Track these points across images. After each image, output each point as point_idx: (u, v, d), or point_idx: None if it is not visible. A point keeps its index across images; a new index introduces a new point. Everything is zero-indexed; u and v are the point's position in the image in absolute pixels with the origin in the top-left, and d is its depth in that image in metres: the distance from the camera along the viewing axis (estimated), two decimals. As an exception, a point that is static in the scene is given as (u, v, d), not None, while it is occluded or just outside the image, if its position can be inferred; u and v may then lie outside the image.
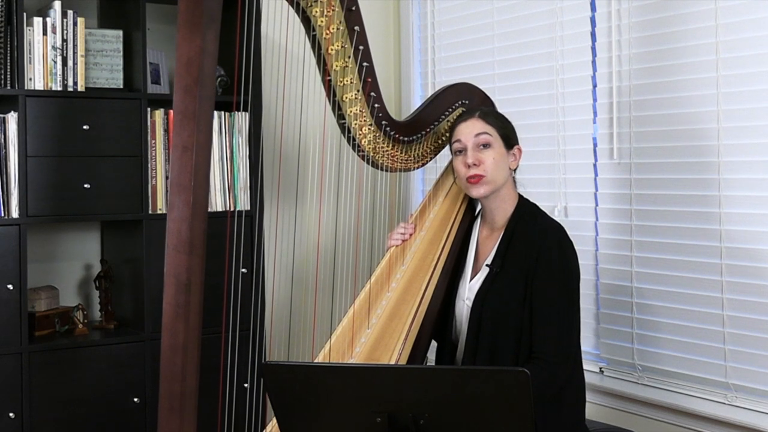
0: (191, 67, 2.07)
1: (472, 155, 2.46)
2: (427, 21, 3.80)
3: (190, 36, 2.07)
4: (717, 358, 2.72)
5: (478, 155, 2.46)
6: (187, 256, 2.09)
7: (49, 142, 3.04)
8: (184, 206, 2.09)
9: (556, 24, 3.18)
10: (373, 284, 2.56)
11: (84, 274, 3.44)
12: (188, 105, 2.08)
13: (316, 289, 3.21)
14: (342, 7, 2.39)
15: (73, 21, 3.11)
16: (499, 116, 2.55)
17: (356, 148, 2.58)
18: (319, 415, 1.87)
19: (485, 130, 2.48)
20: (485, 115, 2.51)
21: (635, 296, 2.94)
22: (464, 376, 1.83)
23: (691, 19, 2.75)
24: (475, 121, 2.50)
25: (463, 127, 2.51)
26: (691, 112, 2.76)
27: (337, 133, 2.59)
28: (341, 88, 2.47)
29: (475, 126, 2.49)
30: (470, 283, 2.50)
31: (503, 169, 2.48)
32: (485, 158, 2.46)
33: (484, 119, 2.50)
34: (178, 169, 2.09)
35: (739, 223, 2.65)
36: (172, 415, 2.12)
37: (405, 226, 2.68)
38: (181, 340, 2.09)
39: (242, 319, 2.80)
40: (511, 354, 2.36)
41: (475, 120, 2.50)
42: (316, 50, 2.43)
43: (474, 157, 2.46)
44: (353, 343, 2.44)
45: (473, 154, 2.46)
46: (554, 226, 2.45)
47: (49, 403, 3.03)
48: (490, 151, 2.47)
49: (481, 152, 2.47)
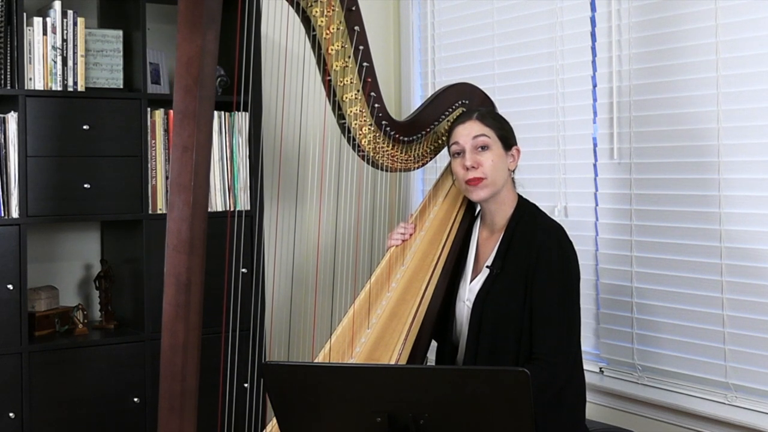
0: (191, 67, 2.07)
1: (471, 157, 2.46)
2: (427, 21, 3.80)
3: (191, 36, 2.07)
4: (717, 358, 2.71)
5: (476, 157, 2.46)
6: (187, 256, 2.09)
7: (49, 142, 3.04)
8: (184, 206, 2.09)
9: (556, 24, 3.18)
10: (373, 284, 2.56)
11: (84, 274, 3.44)
12: (188, 105, 2.08)
13: (316, 289, 3.21)
14: (342, 7, 2.39)
15: (73, 21, 3.11)
16: (497, 117, 2.55)
17: (356, 148, 2.58)
18: (319, 415, 1.87)
19: (483, 132, 2.47)
20: (483, 117, 2.50)
21: (635, 296, 2.94)
22: (464, 376, 1.83)
23: (691, 19, 2.75)
24: (472, 123, 2.49)
25: (461, 129, 2.50)
26: (691, 112, 2.76)
27: (337, 133, 2.59)
28: (341, 88, 2.47)
29: (473, 128, 2.48)
30: (470, 285, 2.50)
31: (502, 171, 2.48)
32: (484, 160, 2.45)
33: (482, 121, 2.49)
34: (178, 169, 2.09)
35: (739, 223, 2.65)
36: (172, 415, 2.12)
37: (405, 226, 2.68)
38: (181, 340, 2.10)
39: (242, 319, 2.80)
40: (511, 355, 2.36)
41: (473, 122, 2.49)
42: (316, 50, 2.43)
43: (472, 159, 2.46)
44: (353, 343, 2.44)
45: (471, 157, 2.46)
46: (554, 227, 2.45)
47: (49, 403, 3.03)
48: (489, 153, 2.46)
49: (480, 154, 2.46)
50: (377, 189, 2.96)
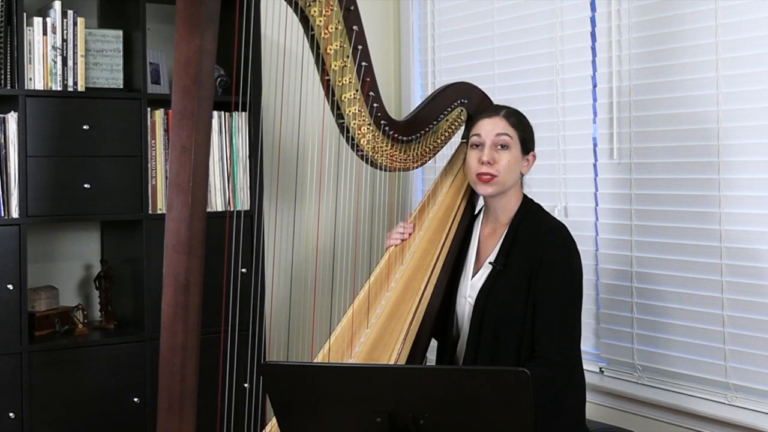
0: (189, 67, 2.06)
1: (489, 153, 2.46)
2: (427, 21, 3.80)
3: (189, 36, 2.06)
4: (717, 358, 2.72)
5: (494, 154, 2.46)
6: (186, 256, 2.08)
7: (49, 142, 3.04)
8: (182, 206, 2.08)
9: (556, 24, 3.18)
10: (373, 284, 2.56)
11: (84, 274, 3.44)
12: (186, 105, 2.07)
13: (315, 289, 3.21)
14: (340, 7, 2.39)
15: (73, 21, 3.11)
16: (522, 119, 2.54)
17: (355, 148, 2.58)
18: (319, 415, 1.87)
19: (506, 131, 2.48)
20: (509, 116, 2.51)
21: (635, 296, 2.94)
22: (464, 376, 1.83)
23: (691, 19, 2.75)
24: (498, 120, 2.49)
25: (487, 122, 2.50)
26: (691, 112, 2.76)
27: (336, 132, 2.58)
28: (340, 88, 2.46)
29: (498, 125, 2.48)
30: (472, 281, 2.50)
31: (515, 173, 2.48)
32: (501, 159, 2.46)
33: (508, 119, 2.49)
34: (177, 169, 2.08)
35: (739, 223, 2.65)
36: (171, 415, 2.12)
37: (404, 225, 2.67)
38: (180, 340, 2.09)
39: (242, 319, 2.80)
40: (512, 352, 2.36)
41: (500, 119, 2.49)
42: (314, 50, 2.42)
43: (490, 155, 2.45)
44: (353, 342, 2.44)
45: (490, 153, 2.46)
46: (558, 226, 2.45)
47: (49, 403, 3.03)
48: (507, 153, 2.46)
49: (498, 152, 2.46)
50: (376, 189, 2.95)
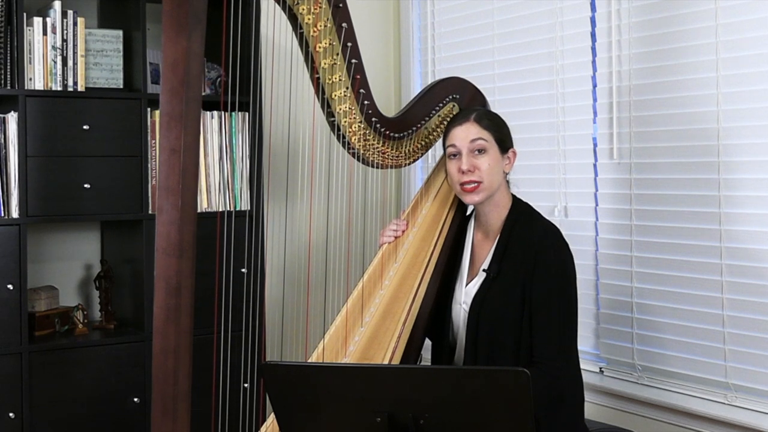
0: (177, 68, 2.03)
1: (467, 161, 2.42)
2: (427, 21, 3.80)
3: (176, 37, 2.03)
4: (717, 358, 2.71)
5: (473, 161, 2.42)
6: (177, 259, 2.05)
7: (49, 142, 3.04)
8: (172, 209, 2.05)
9: (556, 24, 3.18)
10: (366, 282, 2.55)
11: (84, 274, 3.44)
12: (175, 107, 2.04)
13: (308, 288, 3.20)
14: (329, 4, 2.36)
15: (73, 21, 3.11)
16: (494, 119, 2.50)
17: (346, 146, 2.56)
18: (319, 415, 1.87)
19: (480, 135, 2.43)
20: (480, 119, 2.46)
21: (635, 296, 2.94)
22: (464, 376, 1.83)
23: (691, 19, 2.75)
24: (470, 125, 2.45)
25: (459, 131, 2.46)
26: (691, 112, 2.76)
27: (327, 130, 2.57)
28: (330, 86, 2.44)
29: (471, 130, 2.44)
30: (467, 288, 2.47)
31: (498, 175, 2.44)
32: (480, 164, 2.42)
33: (480, 123, 2.45)
34: (166, 171, 2.05)
35: (738, 223, 2.65)
36: (166, 418, 2.10)
37: (397, 222, 2.64)
38: (173, 343, 2.07)
39: (241, 318, 2.79)
40: (510, 357, 2.34)
41: (471, 124, 2.45)
42: (303, 48, 2.41)
43: (469, 163, 2.42)
44: (347, 341, 2.43)
45: (468, 160, 2.42)
46: (550, 229, 2.42)
47: (49, 403, 3.03)
48: (486, 157, 2.43)
49: (476, 158, 2.43)
50: (368, 186, 2.94)
